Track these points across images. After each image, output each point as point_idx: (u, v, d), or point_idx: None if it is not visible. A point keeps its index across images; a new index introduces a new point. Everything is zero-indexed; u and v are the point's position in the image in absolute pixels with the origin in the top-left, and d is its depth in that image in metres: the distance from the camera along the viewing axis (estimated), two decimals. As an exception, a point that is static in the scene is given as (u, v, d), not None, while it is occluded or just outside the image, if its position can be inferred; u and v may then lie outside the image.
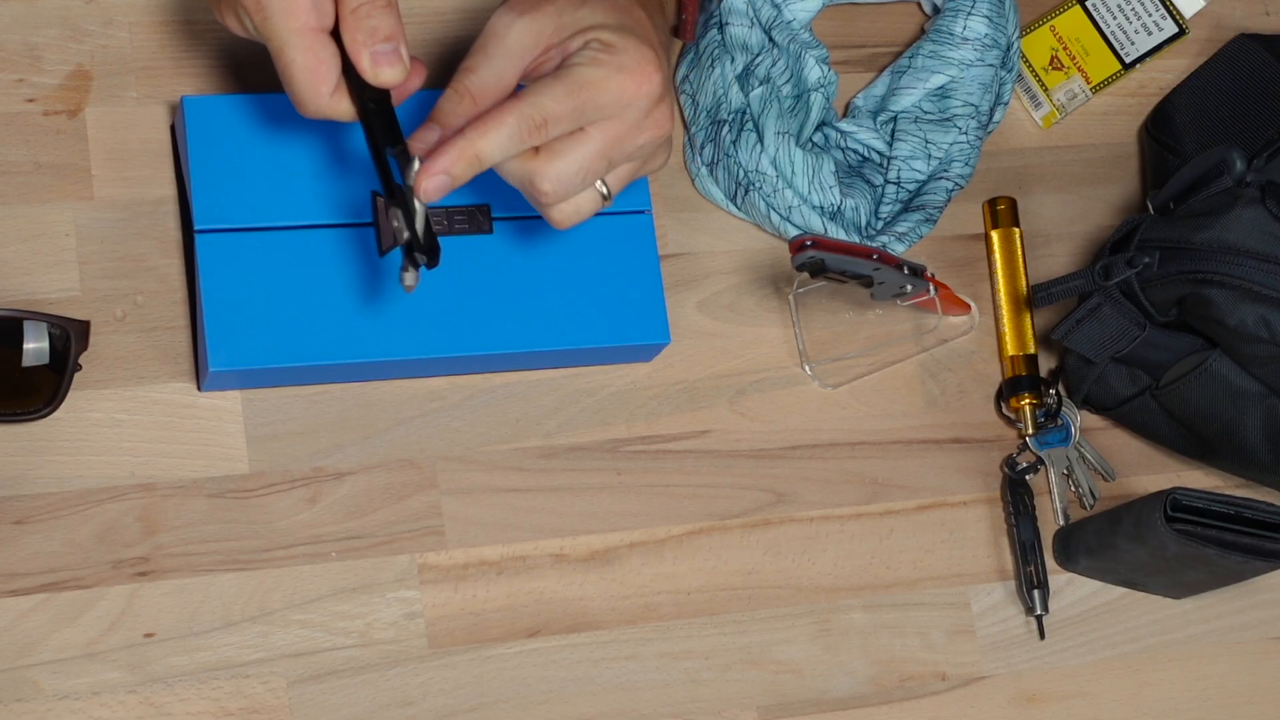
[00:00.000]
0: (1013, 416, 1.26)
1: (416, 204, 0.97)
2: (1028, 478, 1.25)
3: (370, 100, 0.99)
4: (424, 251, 0.97)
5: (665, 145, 1.05)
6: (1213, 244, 1.17)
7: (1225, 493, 1.21)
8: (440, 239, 1.13)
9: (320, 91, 0.99)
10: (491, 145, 0.98)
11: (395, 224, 0.98)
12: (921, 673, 1.21)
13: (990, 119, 1.27)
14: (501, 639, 1.14)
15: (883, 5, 1.31)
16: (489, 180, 1.14)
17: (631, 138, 1.02)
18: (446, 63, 1.21)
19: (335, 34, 0.99)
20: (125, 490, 1.11)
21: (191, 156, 1.11)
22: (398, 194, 0.98)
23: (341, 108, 1.00)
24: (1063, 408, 1.26)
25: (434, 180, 0.97)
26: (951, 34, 1.25)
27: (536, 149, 1.00)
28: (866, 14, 1.31)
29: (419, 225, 0.97)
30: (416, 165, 0.97)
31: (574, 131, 1.00)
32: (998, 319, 1.28)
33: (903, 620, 1.21)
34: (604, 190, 1.03)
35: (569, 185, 1.01)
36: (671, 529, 1.19)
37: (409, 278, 0.98)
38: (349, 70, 0.99)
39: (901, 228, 1.23)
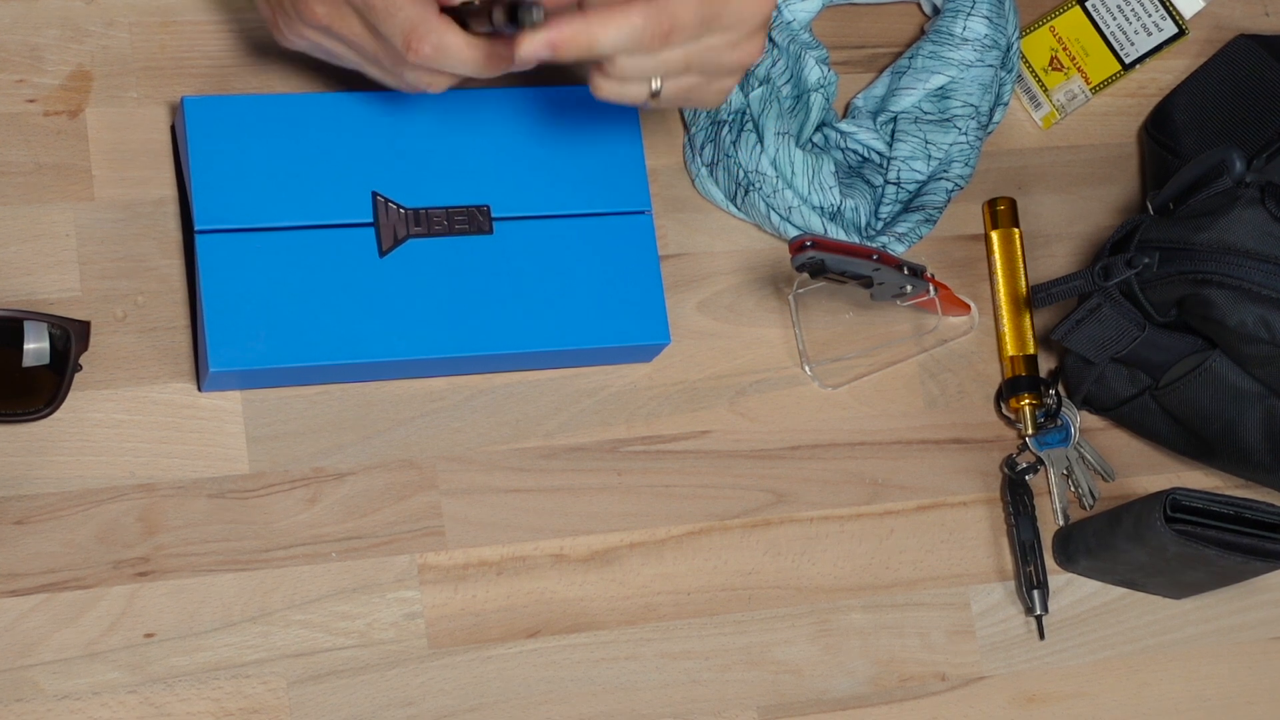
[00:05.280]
0: (1012, 417, 1.26)
1: None
2: (1027, 478, 1.25)
3: None
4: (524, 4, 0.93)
5: (737, 77, 1.00)
6: (1213, 244, 1.17)
7: (1225, 493, 1.20)
8: (440, 239, 1.14)
9: None
10: (610, 40, 0.94)
11: None
12: (921, 673, 1.21)
13: (990, 119, 1.27)
14: (501, 639, 1.14)
15: (883, 5, 1.31)
16: (489, 180, 1.15)
17: (724, 54, 0.97)
18: None
19: None
20: (125, 490, 1.11)
21: (192, 157, 1.11)
22: None
23: None
24: (1062, 408, 1.26)
25: (536, 50, 0.93)
26: (951, 34, 1.25)
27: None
28: (866, 14, 1.31)
29: None
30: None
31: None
32: (998, 319, 1.28)
33: (903, 620, 1.21)
34: (656, 87, 0.98)
35: (639, 71, 0.96)
36: (671, 529, 1.19)
37: (527, 44, 0.93)
38: None
39: (901, 228, 1.23)
